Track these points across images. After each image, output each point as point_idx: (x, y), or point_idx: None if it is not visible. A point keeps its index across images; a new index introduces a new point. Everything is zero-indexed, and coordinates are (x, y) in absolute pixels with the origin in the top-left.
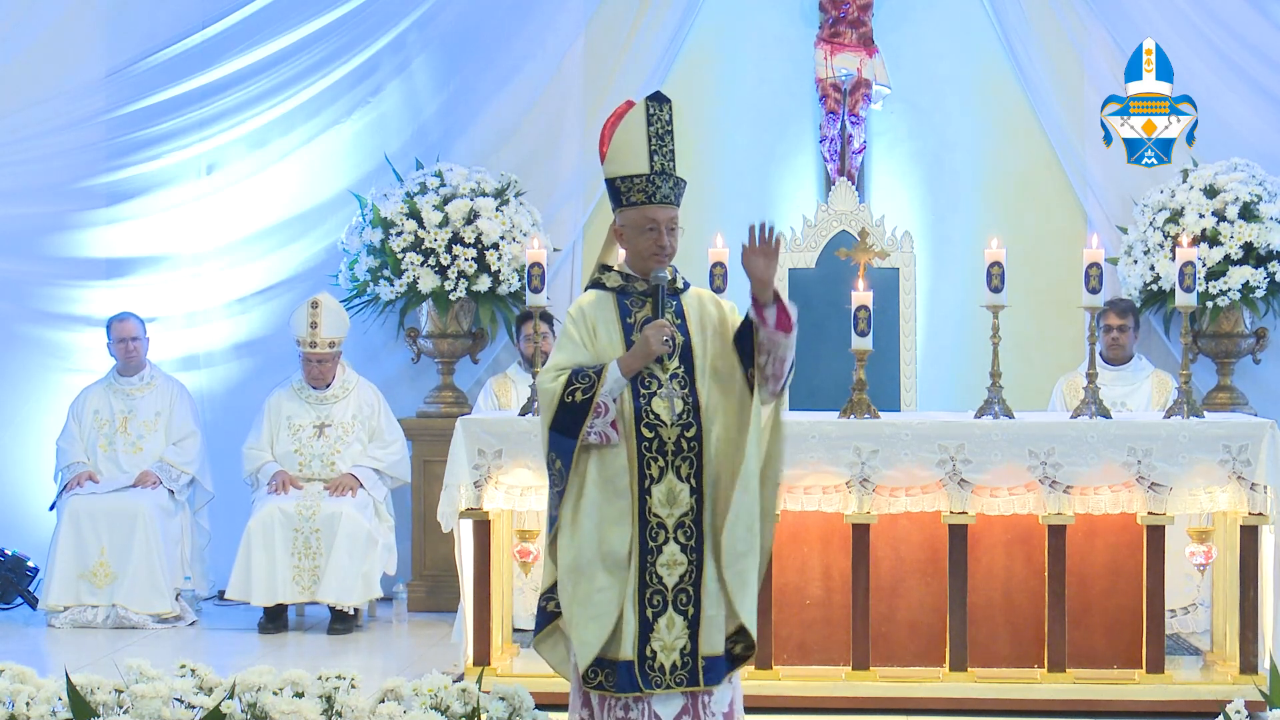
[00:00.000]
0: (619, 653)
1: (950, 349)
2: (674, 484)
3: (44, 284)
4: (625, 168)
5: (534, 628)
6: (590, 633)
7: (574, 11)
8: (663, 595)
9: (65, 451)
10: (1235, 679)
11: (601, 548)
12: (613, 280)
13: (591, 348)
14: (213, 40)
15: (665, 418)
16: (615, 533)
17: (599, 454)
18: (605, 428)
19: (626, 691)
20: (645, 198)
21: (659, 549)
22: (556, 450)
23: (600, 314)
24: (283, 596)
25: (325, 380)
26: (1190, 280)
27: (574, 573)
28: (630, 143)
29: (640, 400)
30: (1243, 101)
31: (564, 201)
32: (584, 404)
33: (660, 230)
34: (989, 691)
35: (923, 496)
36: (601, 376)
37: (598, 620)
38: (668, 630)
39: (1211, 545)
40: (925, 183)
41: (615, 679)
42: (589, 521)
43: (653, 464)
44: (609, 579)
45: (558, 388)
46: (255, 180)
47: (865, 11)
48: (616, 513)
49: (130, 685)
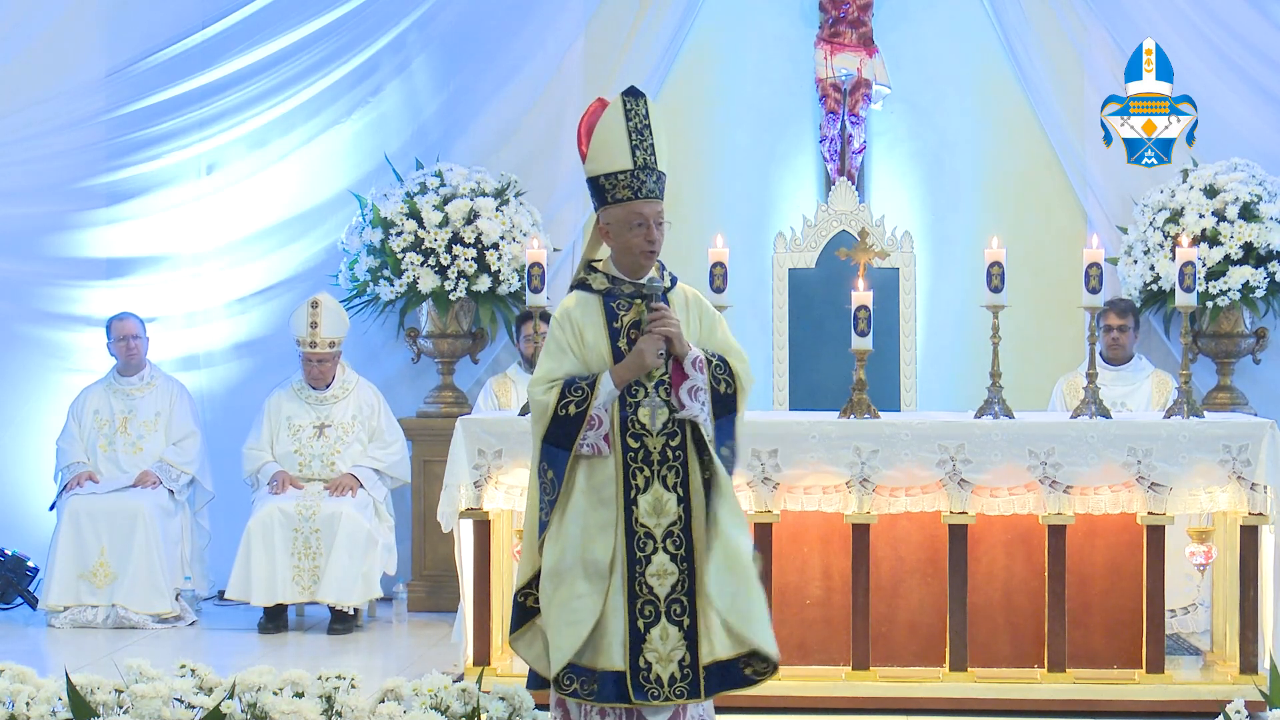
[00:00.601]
0: (603, 662)
1: (950, 349)
2: (660, 494)
3: (44, 284)
4: (608, 165)
5: (510, 624)
6: (565, 638)
7: (574, 11)
8: (654, 605)
9: (65, 451)
10: (1235, 679)
11: (584, 555)
12: (599, 282)
13: (579, 353)
14: (213, 40)
15: (650, 427)
16: (598, 541)
17: (587, 463)
18: (598, 440)
19: (610, 701)
20: (631, 194)
21: (647, 559)
22: (549, 461)
23: (587, 318)
24: (282, 596)
25: (325, 380)
26: (1190, 280)
27: (555, 577)
28: (610, 140)
29: (626, 410)
30: (1243, 101)
31: (564, 201)
32: (578, 417)
33: (649, 225)
34: (989, 691)
35: (923, 496)
36: (595, 389)
37: (573, 626)
38: (662, 641)
39: (1211, 545)
40: (925, 183)
41: (597, 688)
42: (574, 528)
43: (638, 474)
44: (588, 586)
45: (550, 400)
46: (255, 180)
47: (865, 11)
48: (600, 522)
49: (130, 685)
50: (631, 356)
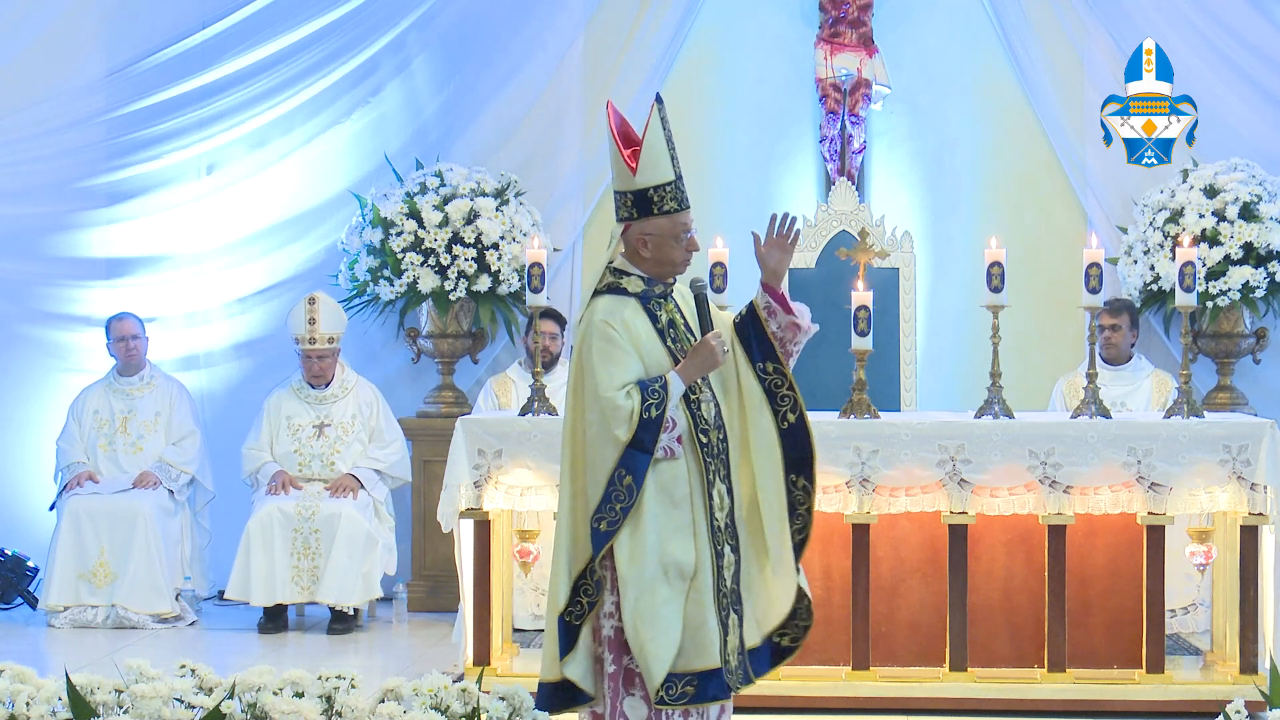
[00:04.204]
0: (704, 662)
1: (950, 349)
2: (721, 487)
3: (44, 284)
4: (655, 176)
5: (559, 648)
6: (663, 648)
7: (574, 11)
8: (728, 598)
9: (65, 451)
10: (1235, 679)
11: (663, 560)
12: (634, 285)
13: (641, 357)
14: (213, 40)
15: (711, 422)
16: (676, 543)
17: (653, 466)
18: (671, 442)
19: (714, 700)
20: (677, 205)
21: (720, 554)
22: (629, 467)
23: (635, 319)
24: (282, 597)
25: (325, 378)
26: (1190, 280)
27: (638, 586)
28: (656, 150)
29: (692, 408)
30: (1243, 101)
31: (564, 201)
32: (658, 419)
33: (694, 234)
34: (989, 691)
35: (923, 496)
36: (668, 390)
37: (668, 635)
38: (733, 632)
39: (1211, 545)
40: (925, 183)
41: (700, 688)
42: (651, 534)
43: (708, 470)
44: (669, 591)
45: (635, 405)
46: (255, 180)
47: (865, 11)
48: (676, 524)
49: (130, 685)
50: (701, 356)
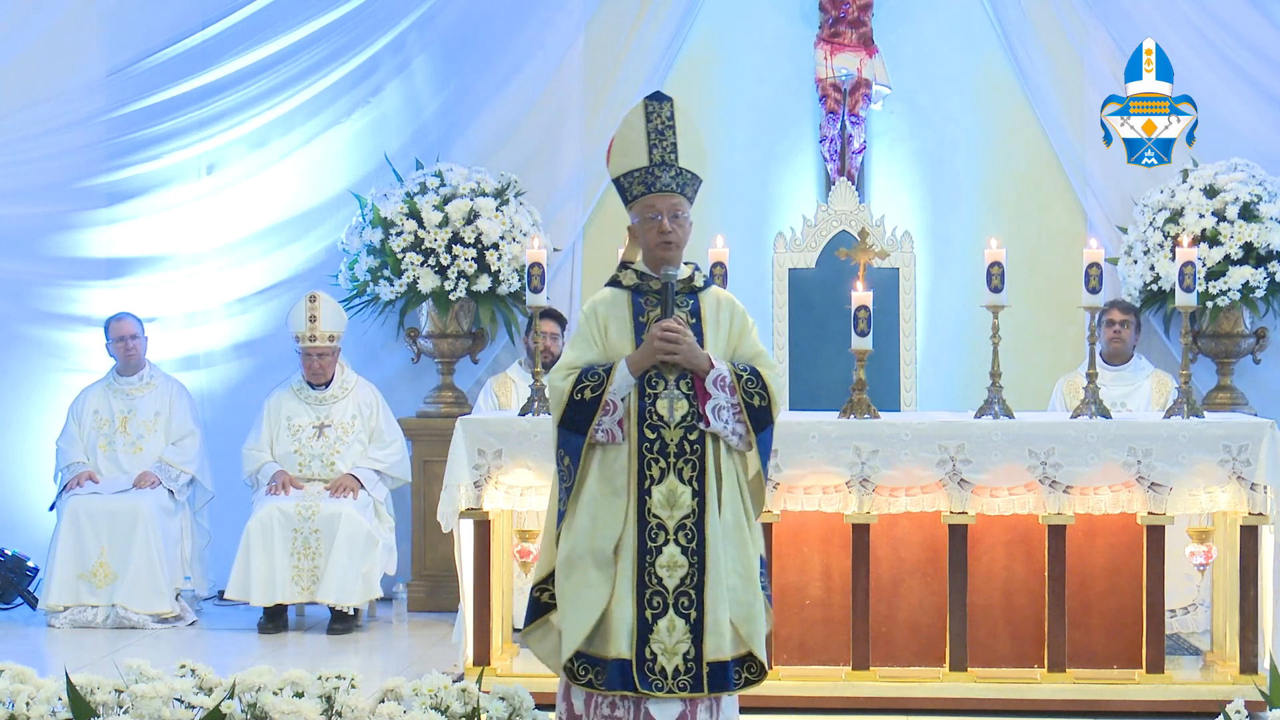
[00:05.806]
0: (610, 650)
1: (950, 349)
2: (675, 486)
3: (44, 284)
4: (626, 165)
5: (524, 618)
6: (575, 625)
7: (574, 11)
8: (663, 597)
9: (65, 451)
10: (1235, 679)
11: (593, 543)
12: (628, 278)
13: (602, 345)
14: (213, 40)
15: (668, 419)
16: (608, 529)
17: (602, 451)
18: (612, 425)
19: (616, 690)
20: (645, 188)
21: (658, 550)
22: (565, 447)
23: (613, 311)
24: (282, 597)
25: (325, 377)
26: (1190, 280)
27: (567, 565)
28: (631, 141)
29: (645, 400)
30: (1243, 101)
31: (564, 201)
32: (593, 401)
33: (663, 217)
34: (989, 691)
35: (923, 496)
36: (610, 375)
37: (583, 614)
38: (668, 633)
39: (1211, 545)
40: (925, 183)
41: (605, 677)
42: (585, 517)
43: (654, 465)
44: (598, 575)
45: (567, 386)
46: (255, 180)
47: (865, 11)
48: (612, 511)
49: (130, 685)
50: (645, 344)
